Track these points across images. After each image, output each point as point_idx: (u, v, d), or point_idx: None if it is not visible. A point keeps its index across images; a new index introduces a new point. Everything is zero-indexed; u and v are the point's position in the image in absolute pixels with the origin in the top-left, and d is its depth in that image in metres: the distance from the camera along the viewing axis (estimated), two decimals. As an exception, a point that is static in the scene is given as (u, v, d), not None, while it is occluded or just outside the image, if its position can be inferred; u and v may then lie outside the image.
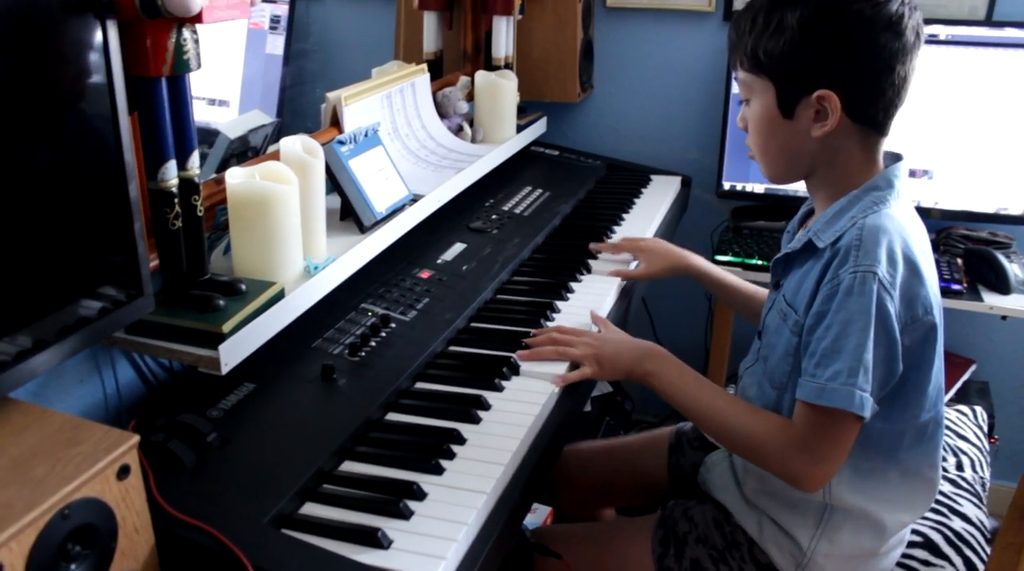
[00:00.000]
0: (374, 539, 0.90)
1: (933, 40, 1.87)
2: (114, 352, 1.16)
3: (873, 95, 1.10)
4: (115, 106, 0.92)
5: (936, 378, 1.15)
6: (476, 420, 1.13)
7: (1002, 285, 1.79)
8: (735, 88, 2.05)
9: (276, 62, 2.33)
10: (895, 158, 1.17)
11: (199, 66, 1.04)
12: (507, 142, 1.96)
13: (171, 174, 1.05)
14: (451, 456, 1.05)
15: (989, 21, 1.93)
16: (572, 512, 1.65)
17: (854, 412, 1.03)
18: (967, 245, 1.91)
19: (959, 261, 1.87)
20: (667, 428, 1.55)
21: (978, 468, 1.48)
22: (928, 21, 1.87)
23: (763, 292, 1.46)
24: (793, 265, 1.19)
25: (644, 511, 1.59)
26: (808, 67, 1.10)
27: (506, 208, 1.82)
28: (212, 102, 2.42)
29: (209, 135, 1.97)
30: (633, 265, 1.62)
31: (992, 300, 1.77)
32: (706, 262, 1.57)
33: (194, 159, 1.08)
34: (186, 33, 1.00)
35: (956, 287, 1.78)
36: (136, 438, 0.82)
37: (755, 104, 1.17)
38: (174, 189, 1.06)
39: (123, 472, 0.81)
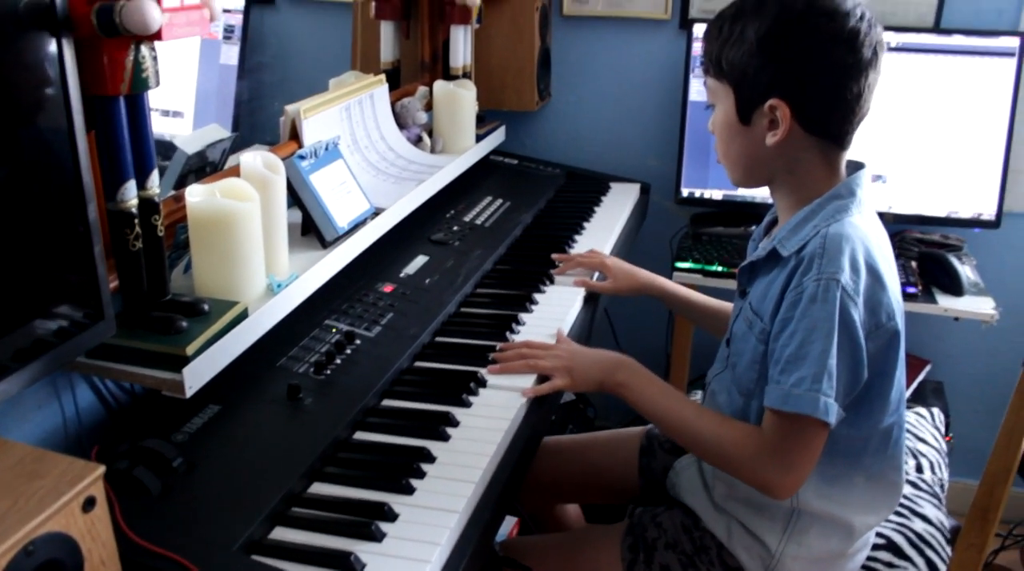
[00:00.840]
0: (347, 564, 0.89)
1: (884, 47, 1.91)
2: (73, 376, 1.13)
3: (826, 108, 1.12)
4: (72, 126, 0.90)
5: (899, 383, 1.17)
6: (445, 437, 1.12)
7: (955, 287, 1.82)
8: (692, 95, 2.08)
9: (231, 72, 2.29)
10: (857, 166, 1.19)
11: (158, 84, 1.02)
12: (467, 152, 1.96)
13: (131, 194, 1.03)
14: (421, 475, 1.04)
15: (937, 28, 1.97)
16: (538, 509, 1.65)
17: (819, 418, 1.05)
18: (921, 248, 1.95)
19: (913, 264, 1.91)
20: (637, 428, 1.56)
21: (937, 470, 1.51)
22: (878, 29, 1.92)
23: (726, 306, 1.47)
24: (758, 273, 1.21)
25: (611, 510, 1.60)
26: (762, 76, 1.12)
27: (467, 219, 1.81)
28: (166, 113, 2.38)
29: (163, 147, 1.92)
30: (595, 276, 1.62)
31: (946, 302, 1.81)
32: (669, 282, 1.59)
33: (154, 178, 1.06)
34: (144, 50, 0.98)
35: (911, 290, 1.81)
36: (101, 469, 0.80)
37: (719, 109, 1.20)
38: (134, 209, 1.04)
39: (88, 504, 0.79)
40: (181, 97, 2.35)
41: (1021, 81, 1.86)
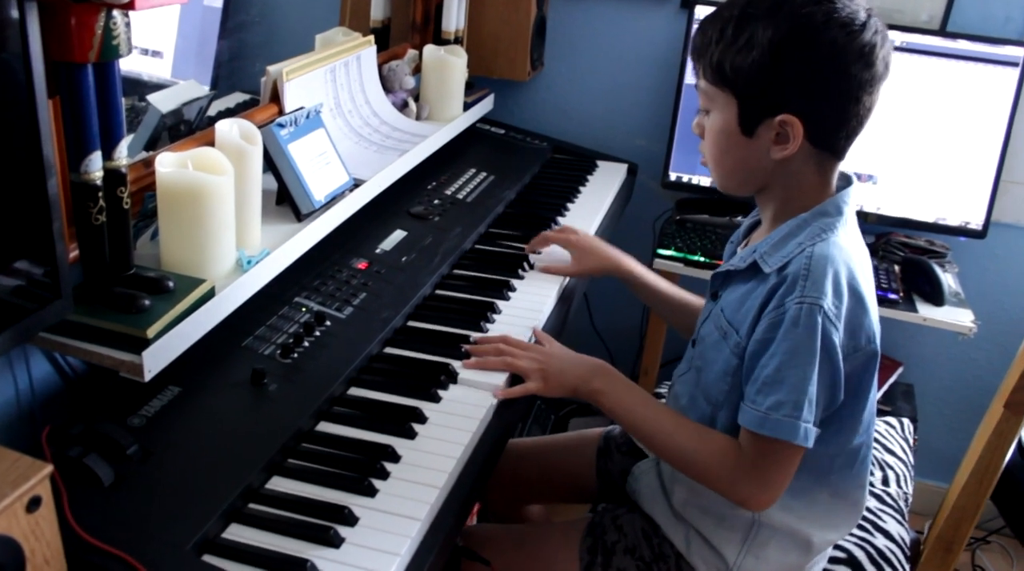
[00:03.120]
0: (303, 571, 0.87)
1: (887, 45, 1.86)
2: (28, 346, 1.09)
3: (837, 124, 1.08)
4: (34, 96, 0.84)
5: (871, 403, 1.15)
6: (411, 435, 1.09)
7: (936, 296, 1.81)
8: (688, 77, 2.02)
9: (214, 16, 2.20)
10: (846, 181, 1.16)
11: (129, 51, 0.96)
12: (453, 121, 1.90)
13: (95, 166, 0.97)
14: (384, 476, 1.01)
15: (943, 31, 1.93)
16: (500, 508, 1.63)
17: (798, 444, 1.03)
18: (905, 253, 1.93)
19: (896, 268, 1.89)
20: (596, 430, 1.54)
21: (903, 483, 1.50)
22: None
23: (696, 301, 1.43)
24: (734, 280, 1.18)
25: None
26: (774, 89, 1.06)
27: (449, 192, 1.76)
28: (145, 52, 2.29)
29: (139, 87, 1.85)
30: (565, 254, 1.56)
31: (926, 311, 1.79)
32: (639, 266, 1.51)
33: (121, 149, 1.01)
34: (116, 16, 0.93)
35: (892, 296, 1.79)
36: (48, 468, 0.76)
37: (715, 117, 1.13)
38: (98, 182, 0.99)
39: (33, 504, 0.76)
40: (162, 36, 2.26)
41: (1022, 92, 1.83)
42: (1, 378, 1.08)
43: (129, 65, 1.84)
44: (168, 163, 1.11)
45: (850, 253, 1.09)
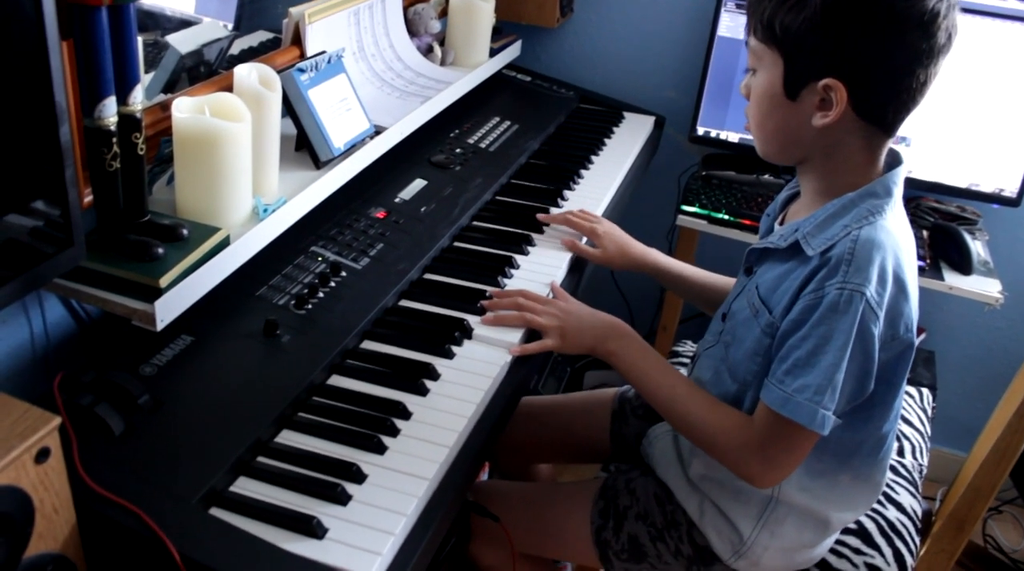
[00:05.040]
0: (309, 527, 0.87)
1: (930, 2, 1.79)
2: (42, 291, 1.08)
3: (886, 95, 1.02)
4: (45, 39, 0.82)
5: (902, 392, 1.13)
6: (423, 392, 1.08)
7: (964, 265, 1.77)
8: (721, 30, 1.96)
9: (238, -51, 2.16)
10: (895, 159, 1.10)
11: (146, -6, 0.94)
12: (479, 67, 1.86)
13: (110, 111, 0.96)
14: (395, 433, 1.01)
15: (991, -11, 1.85)
16: (509, 466, 1.63)
17: (814, 430, 1.01)
18: (936, 219, 1.88)
19: (925, 234, 1.85)
20: (610, 390, 1.52)
21: (918, 455, 1.49)
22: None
23: (724, 282, 1.40)
24: (771, 257, 1.14)
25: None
26: (821, 51, 1.00)
27: (471, 141, 1.73)
28: (166, -14, 2.25)
29: (160, 22, 1.82)
30: (584, 240, 1.49)
31: (952, 280, 1.75)
32: (665, 257, 1.46)
33: (136, 94, 0.99)
34: (132, -43, 0.90)
35: (919, 263, 1.75)
36: (57, 420, 0.76)
37: (761, 76, 1.08)
38: (112, 127, 0.97)
39: (42, 455, 0.76)
40: (184, -30, 2.21)
41: (1068, 55, 1.76)
42: (16, 322, 1.08)
43: (151, -1, 1.80)
44: (185, 108, 1.09)
45: (897, 238, 1.04)
